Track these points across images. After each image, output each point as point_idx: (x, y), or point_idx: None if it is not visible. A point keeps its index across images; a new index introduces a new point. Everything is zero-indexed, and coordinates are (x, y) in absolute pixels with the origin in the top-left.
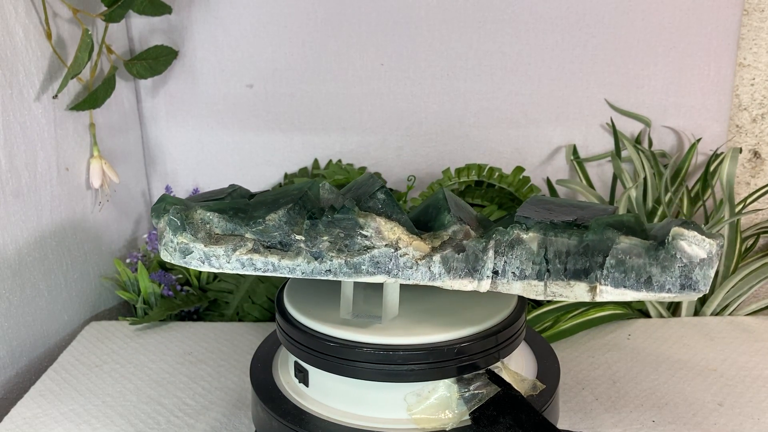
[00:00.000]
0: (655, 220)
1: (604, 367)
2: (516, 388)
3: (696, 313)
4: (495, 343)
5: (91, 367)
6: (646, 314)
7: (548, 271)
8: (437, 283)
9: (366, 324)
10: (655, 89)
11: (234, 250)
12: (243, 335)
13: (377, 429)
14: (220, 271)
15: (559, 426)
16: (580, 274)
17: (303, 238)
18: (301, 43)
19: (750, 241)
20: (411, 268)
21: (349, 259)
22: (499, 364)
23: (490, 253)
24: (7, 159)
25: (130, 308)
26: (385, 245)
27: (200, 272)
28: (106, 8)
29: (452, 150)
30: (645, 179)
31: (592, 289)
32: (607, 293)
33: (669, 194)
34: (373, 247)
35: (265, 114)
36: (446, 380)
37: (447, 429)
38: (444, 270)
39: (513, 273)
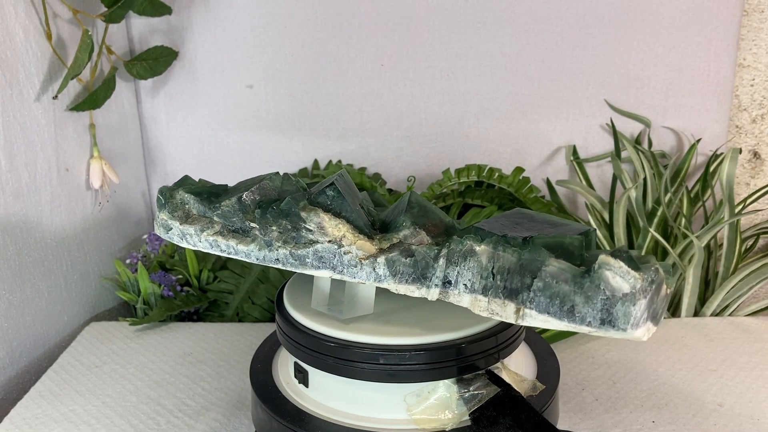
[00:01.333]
0: (655, 220)
1: (604, 367)
2: (516, 388)
3: (696, 314)
4: (495, 343)
5: (91, 368)
6: None
7: (492, 287)
8: (384, 285)
9: (334, 317)
10: (655, 89)
11: (202, 231)
12: (243, 336)
13: (377, 429)
14: (196, 248)
15: (559, 426)
16: (512, 294)
17: (257, 226)
18: (301, 44)
19: (750, 242)
20: (355, 266)
21: (294, 251)
22: (499, 364)
23: (441, 261)
24: (7, 159)
25: (130, 309)
26: (329, 241)
27: (200, 272)
28: (106, 9)
29: (452, 150)
30: (645, 180)
31: (518, 311)
32: (531, 318)
33: (669, 195)
34: (317, 242)
35: (265, 114)
36: (446, 380)
37: (447, 429)
38: (389, 273)
39: (465, 285)
